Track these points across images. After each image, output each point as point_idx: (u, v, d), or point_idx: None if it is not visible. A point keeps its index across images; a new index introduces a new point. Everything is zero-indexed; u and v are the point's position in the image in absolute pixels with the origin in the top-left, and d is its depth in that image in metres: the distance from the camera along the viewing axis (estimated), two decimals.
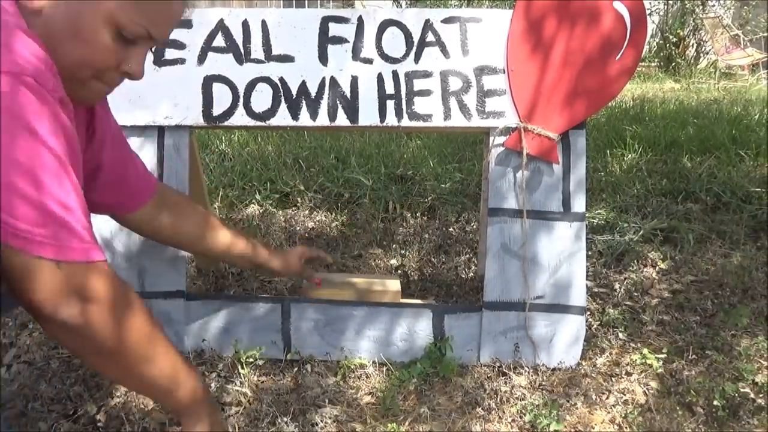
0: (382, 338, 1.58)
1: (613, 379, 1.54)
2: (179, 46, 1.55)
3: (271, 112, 1.55)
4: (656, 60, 8.37)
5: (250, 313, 1.60)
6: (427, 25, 1.55)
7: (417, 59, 1.55)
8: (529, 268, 1.56)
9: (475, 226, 2.41)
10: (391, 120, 1.55)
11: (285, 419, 1.36)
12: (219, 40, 1.55)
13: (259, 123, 1.55)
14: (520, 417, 1.39)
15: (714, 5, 8.77)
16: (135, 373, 1.00)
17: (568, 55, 1.52)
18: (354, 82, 1.55)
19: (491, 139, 1.56)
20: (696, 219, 2.42)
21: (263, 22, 1.56)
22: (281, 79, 1.55)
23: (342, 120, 1.55)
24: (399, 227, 2.41)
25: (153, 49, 1.07)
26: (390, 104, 1.55)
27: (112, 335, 0.93)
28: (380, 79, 1.55)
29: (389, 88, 1.55)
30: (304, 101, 1.55)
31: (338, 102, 1.55)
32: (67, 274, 0.87)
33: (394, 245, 2.26)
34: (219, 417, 1.14)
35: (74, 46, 0.93)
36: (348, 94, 1.55)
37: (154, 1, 0.97)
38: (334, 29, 1.55)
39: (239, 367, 1.53)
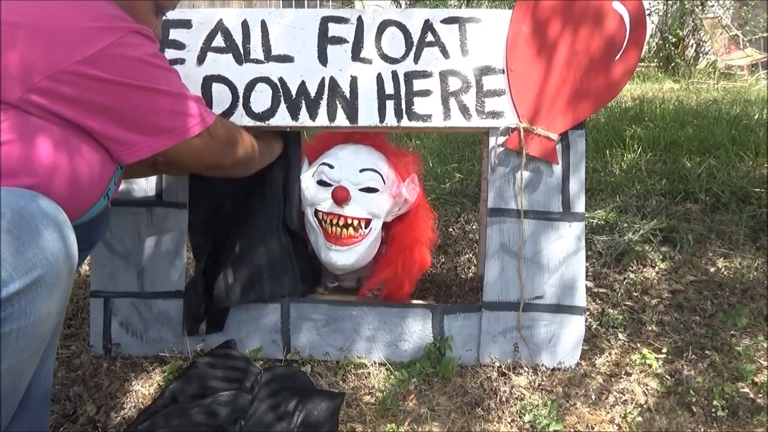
0: (382, 338, 1.58)
1: (612, 379, 1.54)
2: (179, 46, 1.55)
3: (271, 112, 1.55)
4: (655, 60, 8.38)
5: (250, 313, 1.60)
6: (427, 26, 1.55)
7: (416, 59, 1.55)
8: (529, 269, 1.56)
9: (474, 226, 2.41)
10: (390, 120, 1.55)
11: None
12: (218, 40, 1.55)
13: (258, 123, 1.55)
14: (520, 417, 1.39)
15: (713, 5, 8.78)
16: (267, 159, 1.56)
17: (568, 55, 1.52)
18: (353, 82, 1.55)
19: (491, 139, 1.56)
20: (695, 219, 2.43)
21: (263, 22, 1.56)
22: (281, 80, 1.55)
23: (341, 120, 1.55)
24: None
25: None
26: (389, 104, 1.55)
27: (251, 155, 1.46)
28: (380, 79, 1.55)
29: (389, 89, 1.55)
30: (303, 101, 1.55)
31: (338, 102, 1.55)
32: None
33: None
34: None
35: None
36: (347, 94, 1.55)
37: None
38: (334, 29, 1.56)
39: None
